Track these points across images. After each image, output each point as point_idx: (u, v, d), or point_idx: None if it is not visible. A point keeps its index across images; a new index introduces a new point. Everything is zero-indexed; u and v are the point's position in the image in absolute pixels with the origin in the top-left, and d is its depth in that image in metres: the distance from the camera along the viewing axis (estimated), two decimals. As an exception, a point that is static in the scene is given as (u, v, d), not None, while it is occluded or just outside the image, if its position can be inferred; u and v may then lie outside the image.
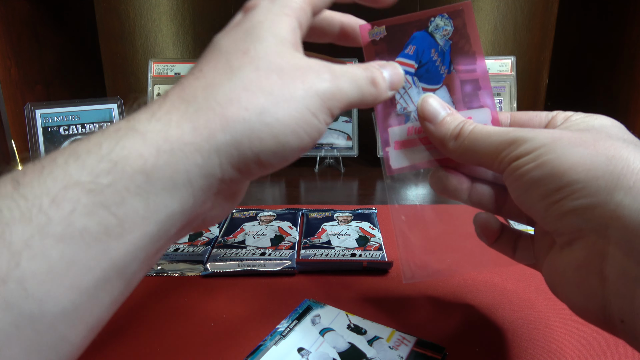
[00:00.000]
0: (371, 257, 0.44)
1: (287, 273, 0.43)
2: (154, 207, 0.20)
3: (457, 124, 0.29)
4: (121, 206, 0.19)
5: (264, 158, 0.23)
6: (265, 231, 0.50)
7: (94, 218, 0.19)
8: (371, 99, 0.27)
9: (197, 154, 0.21)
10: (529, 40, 0.91)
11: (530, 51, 0.91)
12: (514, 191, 0.26)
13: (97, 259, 0.19)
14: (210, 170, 0.22)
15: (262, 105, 0.22)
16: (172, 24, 0.92)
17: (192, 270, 0.44)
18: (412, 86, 0.32)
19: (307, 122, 0.23)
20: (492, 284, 0.41)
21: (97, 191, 0.19)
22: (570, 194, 0.22)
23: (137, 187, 0.20)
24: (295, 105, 0.23)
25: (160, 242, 0.21)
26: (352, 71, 0.26)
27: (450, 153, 0.29)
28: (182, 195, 0.21)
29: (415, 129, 0.32)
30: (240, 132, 0.22)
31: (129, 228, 0.19)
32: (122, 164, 0.20)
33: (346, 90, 0.25)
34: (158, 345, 0.34)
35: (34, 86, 0.76)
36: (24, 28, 0.73)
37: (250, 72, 0.23)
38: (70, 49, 0.84)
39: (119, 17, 0.92)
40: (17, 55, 0.71)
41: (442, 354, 0.32)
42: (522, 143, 0.25)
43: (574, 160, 0.23)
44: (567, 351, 0.33)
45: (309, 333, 0.34)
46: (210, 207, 0.25)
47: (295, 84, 0.23)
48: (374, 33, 0.32)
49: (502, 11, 0.89)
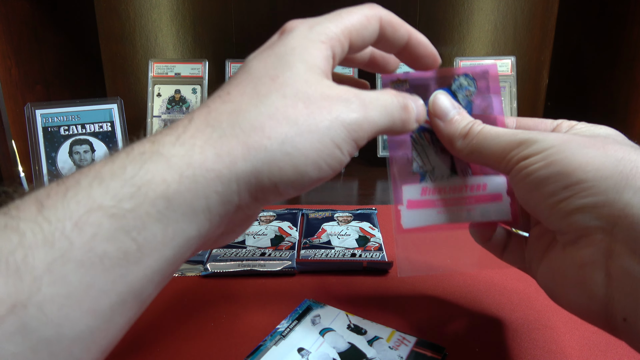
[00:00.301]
0: (371, 257, 0.44)
1: (287, 273, 0.43)
2: (172, 233, 0.20)
3: (466, 123, 0.29)
4: (142, 231, 0.19)
5: (281, 188, 0.23)
6: (265, 231, 0.50)
7: (115, 243, 0.19)
8: (400, 125, 0.27)
9: (217, 181, 0.21)
10: (529, 40, 0.91)
11: (530, 51, 0.91)
12: (519, 190, 0.26)
13: (115, 283, 0.19)
14: (229, 198, 0.22)
15: (285, 135, 0.22)
16: (172, 24, 0.92)
17: (192, 270, 0.44)
18: (430, 145, 0.31)
19: (330, 154, 0.23)
20: (493, 284, 0.41)
21: (119, 216, 0.19)
22: (579, 192, 0.22)
23: (158, 213, 0.20)
24: (319, 137, 0.23)
25: (176, 264, 0.22)
26: (383, 98, 0.26)
27: (458, 152, 0.29)
28: (199, 220, 0.21)
29: (430, 189, 0.31)
30: (261, 161, 0.22)
31: (147, 253, 0.20)
32: (145, 188, 0.20)
33: (375, 119, 0.25)
34: (158, 345, 0.34)
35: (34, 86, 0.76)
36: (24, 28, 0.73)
37: (276, 100, 0.23)
38: (70, 49, 0.84)
39: (119, 17, 0.92)
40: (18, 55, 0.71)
41: (442, 354, 0.32)
42: (532, 144, 0.25)
43: (584, 160, 0.23)
44: (567, 351, 0.33)
45: (309, 333, 0.34)
46: (224, 231, 0.25)
47: (322, 113, 0.23)
48: (396, 85, 0.31)
49: (502, 11, 0.89)
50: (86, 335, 0.18)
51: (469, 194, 0.31)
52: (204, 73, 0.82)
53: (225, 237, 0.27)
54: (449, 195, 0.31)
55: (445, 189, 0.31)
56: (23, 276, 0.17)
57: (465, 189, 0.31)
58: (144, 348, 0.33)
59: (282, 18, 0.99)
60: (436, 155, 0.31)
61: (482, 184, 0.31)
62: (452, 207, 0.31)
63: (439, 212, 0.31)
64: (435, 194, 0.31)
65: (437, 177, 0.31)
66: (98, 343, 0.19)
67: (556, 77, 0.91)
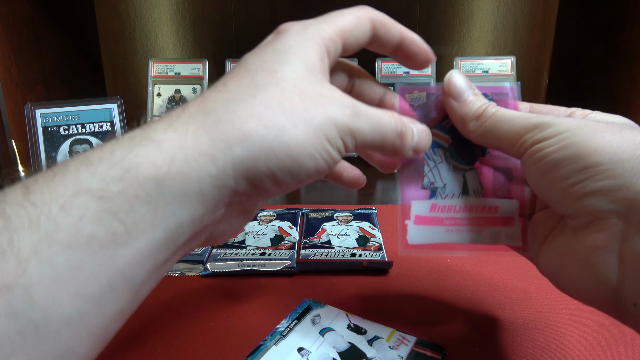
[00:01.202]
0: (371, 257, 0.44)
1: (287, 273, 0.43)
2: (162, 215, 0.20)
3: (480, 104, 0.28)
4: (129, 214, 0.19)
5: (279, 175, 0.23)
6: (265, 231, 0.50)
7: (102, 225, 0.19)
8: (391, 150, 0.27)
9: (211, 165, 0.21)
10: (529, 40, 0.91)
11: (530, 51, 0.91)
12: (532, 173, 0.25)
13: (103, 265, 0.19)
14: (224, 182, 0.22)
15: (281, 125, 0.22)
16: (172, 24, 0.92)
17: (192, 270, 0.44)
18: (443, 161, 0.30)
19: (324, 148, 0.23)
20: (493, 284, 0.41)
21: (107, 198, 0.19)
22: (594, 174, 0.22)
23: (147, 195, 0.20)
24: (313, 130, 0.23)
25: (168, 251, 0.21)
26: (379, 115, 0.26)
27: (470, 133, 0.28)
28: (192, 204, 0.21)
29: (440, 207, 0.30)
30: (258, 148, 0.22)
31: (135, 235, 0.19)
32: (134, 171, 0.20)
33: (364, 131, 0.25)
34: (158, 345, 0.34)
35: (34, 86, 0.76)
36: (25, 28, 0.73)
37: (274, 92, 0.23)
38: (70, 49, 0.84)
39: (119, 17, 0.92)
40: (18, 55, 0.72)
41: (442, 354, 0.32)
42: (547, 127, 0.24)
43: (600, 143, 0.23)
44: (567, 351, 0.33)
45: (309, 333, 0.34)
46: (220, 220, 0.24)
47: (317, 110, 0.23)
48: (413, 98, 0.30)
49: (502, 11, 0.89)
50: (75, 320, 0.18)
51: (480, 215, 0.30)
52: (204, 73, 0.82)
53: (224, 232, 0.26)
54: (459, 214, 0.30)
55: (456, 207, 0.30)
56: (8, 258, 0.17)
57: (476, 210, 0.30)
58: (144, 348, 0.33)
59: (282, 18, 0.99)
60: (448, 172, 0.30)
61: (494, 206, 0.30)
62: (462, 226, 0.30)
63: (447, 230, 0.30)
64: (445, 211, 0.30)
65: (447, 195, 0.30)
66: (89, 330, 0.19)
67: (556, 77, 0.91)
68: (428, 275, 0.43)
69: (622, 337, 0.34)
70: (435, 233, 0.30)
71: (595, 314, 0.37)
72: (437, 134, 0.30)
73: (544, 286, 0.41)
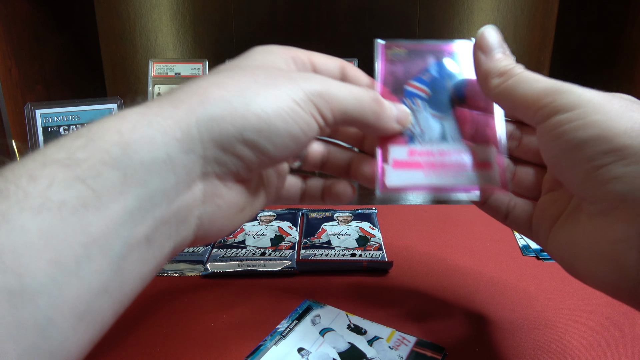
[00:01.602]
0: (371, 257, 0.44)
1: (287, 273, 0.43)
2: (131, 181, 0.20)
3: (507, 63, 0.27)
4: (97, 179, 0.19)
5: (249, 137, 0.23)
6: (265, 231, 0.50)
7: (71, 191, 0.19)
8: (373, 116, 0.27)
9: (176, 128, 0.22)
10: (529, 40, 0.91)
11: (530, 51, 0.91)
12: (550, 150, 0.24)
13: (76, 233, 0.18)
14: (191, 146, 0.22)
15: (245, 87, 0.23)
16: (172, 24, 0.92)
17: (192, 270, 0.44)
18: (421, 110, 0.31)
19: (291, 107, 0.24)
20: (492, 284, 0.41)
21: (74, 166, 0.19)
22: (621, 158, 0.21)
23: (114, 160, 0.20)
24: (277, 92, 0.24)
25: (146, 224, 0.21)
26: (353, 86, 0.27)
27: (491, 90, 0.28)
28: (162, 171, 0.21)
29: (418, 152, 0.31)
30: (221, 108, 0.23)
31: (106, 201, 0.19)
32: (99, 139, 0.20)
33: (336, 93, 0.25)
34: (158, 345, 0.34)
35: (34, 86, 0.76)
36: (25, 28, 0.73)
37: (240, 73, 0.25)
38: (70, 49, 0.84)
39: (119, 17, 0.92)
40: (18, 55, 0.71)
41: (442, 354, 0.32)
42: (568, 95, 0.23)
43: (629, 124, 0.21)
44: (567, 351, 0.33)
45: (309, 333, 0.34)
46: (205, 201, 0.24)
47: (284, 81, 0.25)
48: (393, 53, 0.32)
49: (502, 11, 0.89)
50: (51, 289, 0.18)
51: (457, 159, 0.31)
52: (204, 73, 0.82)
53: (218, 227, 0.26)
54: (436, 158, 0.31)
55: (433, 152, 0.31)
56: None
57: (453, 155, 0.31)
58: (144, 348, 0.33)
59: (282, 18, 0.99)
60: (427, 120, 0.31)
61: (470, 150, 0.31)
62: (439, 170, 0.31)
63: (425, 174, 0.31)
64: (423, 156, 0.31)
65: (425, 141, 0.31)
66: (69, 303, 0.18)
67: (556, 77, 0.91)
68: (428, 275, 0.43)
69: (622, 338, 0.34)
70: (413, 176, 0.31)
71: (596, 314, 0.37)
72: (416, 86, 0.32)
73: (544, 286, 0.41)
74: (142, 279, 0.22)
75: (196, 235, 0.25)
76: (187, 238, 0.24)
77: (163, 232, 0.22)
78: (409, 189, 0.31)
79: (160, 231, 0.22)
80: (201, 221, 0.25)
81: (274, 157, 0.25)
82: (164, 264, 0.24)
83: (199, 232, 0.25)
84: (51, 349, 0.18)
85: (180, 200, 0.22)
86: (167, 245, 0.23)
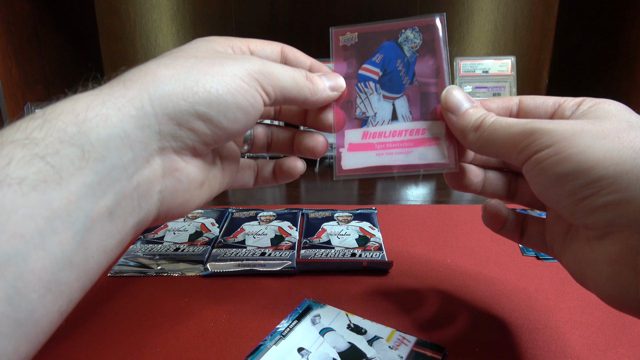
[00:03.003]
0: (371, 257, 0.44)
1: (287, 273, 0.43)
2: (89, 156, 0.21)
3: (479, 116, 0.28)
4: (56, 156, 0.20)
5: (201, 110, 0.24)
6: (265, 231, 0.50)
7: (31, 168, 0.19)
8: (309, 92, 0.29)
9: (129, 106, 0.23)
10: (529, 40, 0.91)
11: (530, 51, 0.91)
12: (536, 185, 0.25)
13: (38, 207, 0.19)
14: (146, 122, 0.23)
15: (191, 66, 0.25)
16: (172, 24, 0.92)
17: (192, 270, 0.44)
18: (374, 93, 0.33)
19: (237, 83, 0.26)
20: (492, 284, 0.41)
21: (32, 145, 0.20)
22: (600, 189, 0.22)
23: (71, 137, 0.21)
24: (222, 70, 0.26)
25: (107, 198, 0.22)
26: (286, 66, 0.29)
27: (471, 144, 0.29)
28: (119, 147, 0.22)
29: (371, 133, 0.33)
30: (172, 85, 0.24)
31: (66, 176, 0.20)
32: (54, 119, 0.21)
33: (276, 73, 0.27)
34: (158, 345, 0.34)
35: (34, 86, 0.76)
36: (25, 28, 0.73)
37: (185, 56, 0.26)
38: (70, 49, 0.84)
39: (119, 17, 0.92)
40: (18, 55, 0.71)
41: (442, 354, 0.32)
42: (542, 135, 0.24)
43: (600, 154, 0.22)
44: (567, 351, 0.33)
45: (309, 333, 0.34)
46: (162, 174, 0.25)
47: (227, 60, 0.26)
48: (345, 39, 0.33)
49: (502, 11, 0.89)
50: (17, 261, 0.18)
51: (408, 137, 0.32)
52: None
53: (181, 202, 0.27)
54: (389, 139, 0.32)
55: (386, 133, 0.33)
56: None
57: (404, 133, 0.32)
58: (145, 348, 0.33)
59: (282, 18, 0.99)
60: (379, 102, 0.33)
61: (421, 128, 0.32)
62: (391, 149, 0.32)
63: (378, 154, 0.32)
64: (376, 137, 0.32)
65: (378, 123, 0.33)
66: (36, 274, 0.19)
67: (556, 77, 0.91)
68: (428, 275, 0.43)
69: (622, 338, 0.34)
70: (367, 157, 0.32)
71: (595, 314, 0.37)
72: (368, 69, 0.33)
73: (544, 286, 0.41)
74: (107, 252, 0.22)
75: (159, 210, 0.26)
76: (150, 213, 0.25)
77: (125, 206, 0.23)
78: (364, 171, 0.33)
79: (123, 205, 0.23)
80: (163, 196, 0.26)
81: (226, 130, 0.26)
82: (129, 239, 0.24)
83: (162, 207, 0.26)
84: (20, 318, 0.18)
85: (140, 174, 0.23)
86: (131, 220, 0.24)
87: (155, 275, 0.43)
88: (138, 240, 0.49)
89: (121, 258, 0.45)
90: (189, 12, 0.91)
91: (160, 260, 0.45)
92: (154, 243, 0.48)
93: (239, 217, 0.54)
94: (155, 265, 0.44)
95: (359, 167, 0.32)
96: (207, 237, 0.49)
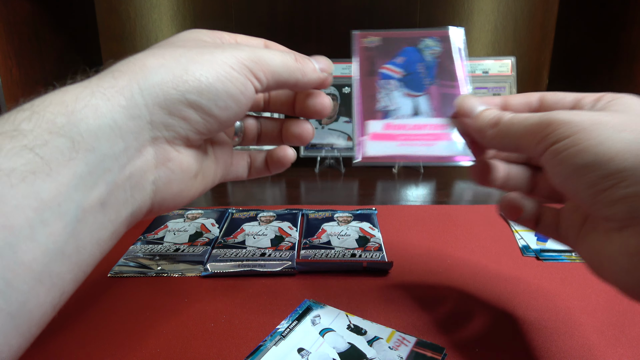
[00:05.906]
0: (371, 257, 0.44)
1: (287, 273, 0.43)
2: (79, 147, 0.21)
3: (494, 114, 0.29)
4: (45, 147, 0.20)
5: (191, 98, 0.24)
6: (265, 231, 0.50)
7: (19, 159, 0.19)
8: (300, 74, 0.30)
9: (119, 96, 0.22)
10: (529, 40, 0.91)
11: (530, 51, 0.91)
12: (555, 176, 0.25)
13: (27, 198, 0.19)
14: (137, 112, 0.23)
15: (180, 55, 0.25)
16: (172, 24, 0.92)
17: (192, 271, 0.44)
18: (396, 90, 0.36)
19: (227, 71, 0.25)
20: (492, 284, 0.41)
21: (20, 136, 0.20)
22: (620, 181, 0.22)
23: (60, 128, 0.20)
24: (212, 58, 0.25)
25: (98, 187, 0.21)
26: (276, 50, 0.29)
27: (490, 141, 0.29)
28: (109, 137, 0.22)
29: (393, 125, 0.35)
30: (161, 74, 0.24)
31: (55, 167, 0.20)
32: (42, 110, 0.21)
33: (266, 57, 0.27)
34: (158, 345, 0.34)
35: (34, 86, 0.76)
36: (25, 28, 0.73)
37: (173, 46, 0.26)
38: (70, 49, 0.84)
39: (119, 18, 0.92)
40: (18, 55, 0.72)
41: (442, 354, 0.32)
42: (560, 125, 0.24)
43: (620, 146, 0.22)
44: (567, 351, 0.33)
45: (309, 333, 0.34)
46: (155, 164, 0.25)
47: (216, 50, 0.26)
48: (368, 41, 0.37)
49: (502, 11, 0.89)
50: (7, 252, 0.18)
51: (430, 131, 0.35)
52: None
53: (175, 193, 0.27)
54: (410, 131, 0.35)
55: (407, 126, 0.35)
56: None
57: (426, 127, 0.35)
58: (145, 348, 0.33)
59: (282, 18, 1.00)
60: (401, 98, 0.36)
61: (442, 124, 0.35)
62: (412, 141, 0.34)
63: (399, 144, 0.34)
64: (397, 129, 0.35)
65: (400, 116, 0.35)
66: (25, 265, 0.19)
67: (556, 77, 0.91)
68: (428, 276, 0.43)
69: (622, 338, 0.34)
70: (389, 147, 0.35)
71: (595, 314, 0.37)
72: (390, 68, 0.36)
73: (544, 286, 0.41)
74: (99, 244, 0.22)
75: (153, 201, 0.26)
76: (144, 204, 0.25)
77: (118, 197, 0.23)
78: (384, 159, 0.35)
79: (115, 195, 0.23)
80: (157, 186, 0.25)
81: (218, 118, 0.26)
82: (122, 231, 0.24)
83: (156, 198, 0.26)
84: (11, 310, 0.18)
85: (133, 165, 0.23)
86: (124, 211, 0.23)
87: (156, 275, 0.43)
88: (138, 240, 0.49)
89: (121, 259, 0.45)
90: (189, 12, 0.91)
91: (160, 260, 0.45)
92: (154, 243, 0.48)
93: (239, 217, 0.54)
94: (155, 266, 0.44)
95: (381, 155, 0.35)
96: (207, 238, 0.49)
